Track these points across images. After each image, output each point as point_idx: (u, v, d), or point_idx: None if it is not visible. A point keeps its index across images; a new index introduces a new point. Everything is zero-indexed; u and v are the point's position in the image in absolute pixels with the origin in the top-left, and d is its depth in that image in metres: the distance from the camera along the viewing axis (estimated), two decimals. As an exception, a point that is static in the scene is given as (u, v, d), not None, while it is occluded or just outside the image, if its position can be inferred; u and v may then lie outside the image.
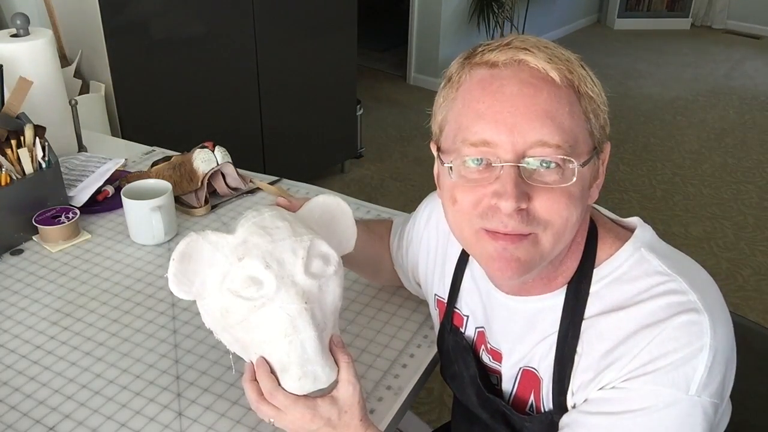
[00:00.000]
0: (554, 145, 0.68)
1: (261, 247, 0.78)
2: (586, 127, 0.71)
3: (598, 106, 0.72)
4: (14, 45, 1.46)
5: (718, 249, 2.88)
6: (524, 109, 0.68)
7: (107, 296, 1.14)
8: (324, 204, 0.89)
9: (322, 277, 0.80)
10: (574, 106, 0.70)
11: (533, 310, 0.79)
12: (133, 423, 0.90)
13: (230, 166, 1.43)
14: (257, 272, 0.77)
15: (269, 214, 0.82)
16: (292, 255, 0.78)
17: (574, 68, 0.71)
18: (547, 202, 0.69)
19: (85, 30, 2.19)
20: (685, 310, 0.69)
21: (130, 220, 1.28)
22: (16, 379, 0.96)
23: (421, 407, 2.06)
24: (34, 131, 1.28)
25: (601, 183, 0.77)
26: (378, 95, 4.44)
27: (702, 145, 3.85)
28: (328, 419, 0.80)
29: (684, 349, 0.68)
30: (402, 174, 3.49)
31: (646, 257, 0.75)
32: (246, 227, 0.81)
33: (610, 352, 0.71)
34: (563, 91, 0.69)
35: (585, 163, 0.70)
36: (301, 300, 0.78)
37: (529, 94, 0.68)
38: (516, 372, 0.83)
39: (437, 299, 0.96)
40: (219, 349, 1.02)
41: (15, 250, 1.26)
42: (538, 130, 0.67)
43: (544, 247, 0.71)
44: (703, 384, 0.68)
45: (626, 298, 0.73)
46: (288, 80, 2.83)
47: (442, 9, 4.30)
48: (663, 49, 5.47)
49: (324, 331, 0.81)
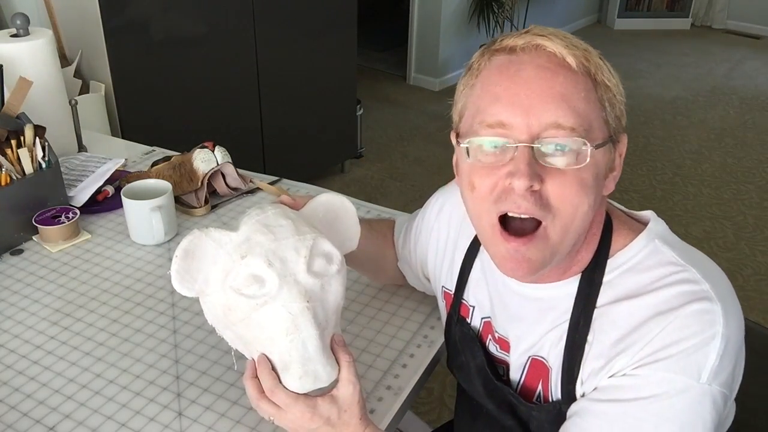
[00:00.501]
0: (568, 128, 0.69)
1: (264, 245, 0.78)
2: (601, 115, 0.73)
3: (614, 96, 0.74)
4: (14, 45, 1.46)
5: (718, 249, 2.88)
6: (540, 92, 0.69)
7: (107, 296, 1.14)
8: (327, 203, 0.89)
9: (325, 276, 0.80)
10: (589, 92, 0.71)
11: (546, 297, 0.80)
12: (133, 423, 0.90)
13: (230, 166, 1.43)
14: (260, 270, 0.77)
15: (273, 212, 0.82)
16: (294, 253, 0.78)
17: (591, 57, 0.72)
18: (558, 186, 0.70)
19: (85, 30, 2.19)
20: (698, 298, 0.70)
21: (130, 220, 1.28)
22: (16, 379, 0.96)
23: (421, 407, 2.06)
24: (34, 131, 1.28)
25: (617, 176, 0.77)
26: (378, 95, 4.44)
27: (702, 145, 3.85)
28: (328, 418, 0.80)
29: (696, 337, 0.68)
30: (402, 174, 3.49)
31: (660, 248, 0.76)
32: (249, 225, 0.81)
33: (621, 340, 0.72)
34: (579, 76, 0.71)
35: (599, 146, 0.71)
36: (303, 299, 0.78)
37: (546, 77, 0.70)
38: (525, 361, 0.84)
39: (444, 291, 0.97)
40: (219, 349, 1.02)
41: (15, 250, 1.26)
42: (553, 112, 0.69)
43: (553, 242, 0.72)
44: (714, 372, 0.68)
45: (639, 286, 0.74)
46: (288, 80, 2.83)
47: (442, 9, 4.30)
48: (663, 49, 5.47)
49: (326, 330, 0.81)
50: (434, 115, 4.18)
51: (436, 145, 3.78)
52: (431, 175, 3.45)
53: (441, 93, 4.54)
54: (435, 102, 4.39)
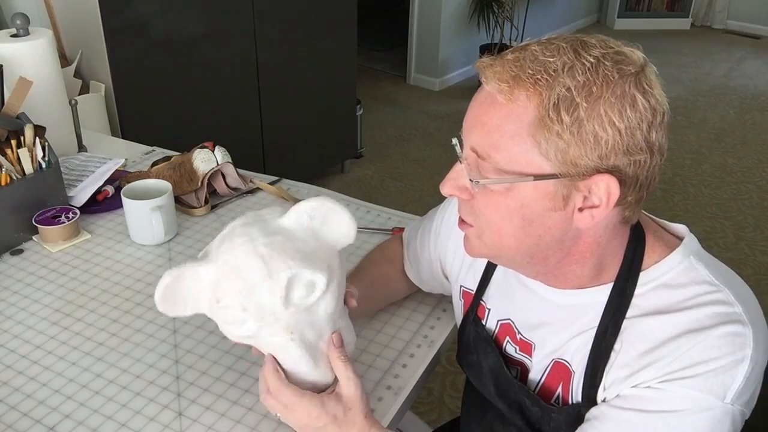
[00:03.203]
0: (477, 153, 0.72)
1: (234, 290, 0.77)
2: (530, 149, 0.68)
3: (573, 136, 0.66)
4: (14, 45, 1.46)
5: (718, 249, 2.88)
6: (473, 116, 0.73)
7: (107, 296, 1.14)
8: (310, 209, 0.83)
9: (309, 302, 0.79)
10: (515, 124, 0.68)
11: (575, 304, 0.81)
12: (133, 423, 0.90)
13: (230, 166, 1.43)
14: (236, 314, 0.78)
15: (241, 250, 0.77)
16: (269, 295, 0.76)
17: (553, 93, 0.66)
18: (482, 201, 0.74)
19: (85, 30, 2.19)
20: (731, 321, 0.71)
21: (130, 220, 1.28)
22: (16, 379, 0.96)
23: (421, 407, 2.06)
24: (34, 131, 1.28)
25: (600, 213, 0.70)
26: (378, 95, 4.44)
27: (702, 145, 3.85)
28: (334, 416, 0.81)
29: (726, 358, 0.69)
30: (402, 174, 3.49)
31: (695, 266, 0.76)
32: (218, 265, 0.78)
33: (649, 352, 0.73)
34: (506, 108, 0.69)
35: (497, 181, 0.71)
36: (285, 332, 0.79)
37: (485, 104, 0.72)
38: (548, 363, 0.84)
39: (463, 290, 0.98)
40: (219, 349, 1.02)
41: (15, 250, 1.26)
42: (474, 138, 0.73)
43: (487, 244, 0.77)
44: (738, 393, 0.69)
45: (672, 303, 0.74)
46: (288, 80, 2.83)
47: (442, 9, 4.30)
48: (663, 49, 5.47)
49: (321, 339, 0.82)
50: (434, 115, 4.18)
51: (436, 145, 3.78)
52: (431, 175, 3.45)
53: (441, 93, 4.54)
54: (435, 102, 4.39)
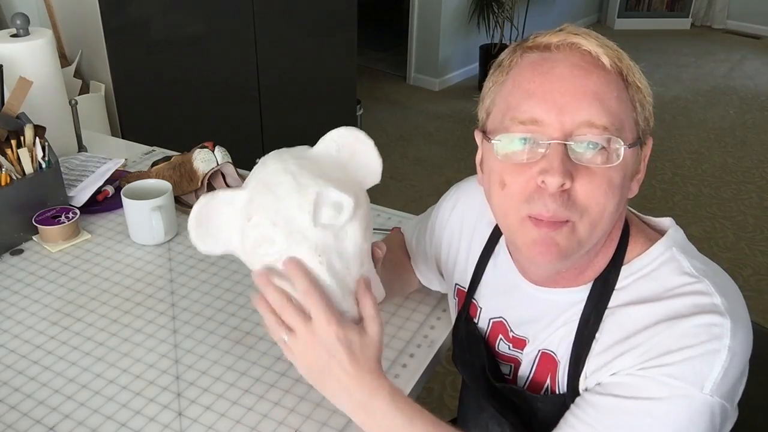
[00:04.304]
0: (601, 126, 0.70)
1: (266, 205, 0.77)
2: (632, 115, 0.73)
3: (645, 98, 0.74)
4: (14, 45, 1.46)
5: (718, 249, 2.88)
6: (573, 90, 0.70)
7: (107, 296, 1.14)
8: (340, 138, 0.82)
9: (336, 226, 0.78)
10: (621, 92, 0.72)
11: (560, 301, 0.81)
12: (133, 423, 0.90)
13: (230, 166, 1.43)
14: (267, 231, 0.77)
15: (273, 168, 0.79)
16: (298, 210, 0.76)
17: (624, 58, 0.73)
18: (588, 185, 0.70)
19: (85, 30, 2.19)
20: (709, 311, 0.71)
21: (130, 220, 1.28)
22: (16, 379, 0.96)
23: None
24: (34, 131, 1.28)
25: (641, 178, 0.78)
26: (378, 95, 4.44)
27: (702, 145, 3.85)
28: (350, 343, 0.75)
29: (701, 347, 0.69)
30: (402, 174, 3.49)
31: (676, 257, 0.76)
32: (251, 185, 0.80)
33: (626, 339, 0.73)
34: (612, 76, 0.72)
35: (630, 146, 0.72)
36: (314, 254, 0.77)
37: (580, 76, 0.71)
38: (535, 355, 0.85)
39: (458, 288, 0.98)
40: (219, 349, 1.02)
41: (15, 250, 1.26)
42: (586, 111, 0.70)
43: (581, 236, 0.73)
44: (717, 384, 0.69)
45: (652, 294, 0.74)
46: (288, 80, 2.83)
47: (442, 9, 4.30)
48: (663, 49, 5.47)
49: (348, 275, 0.79)
50: (434, 115, 4.18)
51: (436, 145, 3.78)
52: (431, 175, 3.45)
53: (441, 93, 4.54)
54: (435, 102, 4.39)
